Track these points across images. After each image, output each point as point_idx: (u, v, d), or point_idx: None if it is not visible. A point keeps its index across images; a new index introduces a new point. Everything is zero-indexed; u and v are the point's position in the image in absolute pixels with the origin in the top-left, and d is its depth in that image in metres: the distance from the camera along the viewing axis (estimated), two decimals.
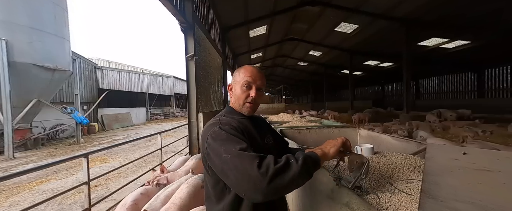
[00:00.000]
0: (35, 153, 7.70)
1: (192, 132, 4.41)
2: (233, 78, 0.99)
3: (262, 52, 16.26)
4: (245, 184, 0.68)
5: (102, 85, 15.72)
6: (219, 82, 7.73)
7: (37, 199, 3.76)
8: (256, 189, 0.66)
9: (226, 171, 0.73)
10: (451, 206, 0.60)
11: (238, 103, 0.96)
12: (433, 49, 12.18)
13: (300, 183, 0.71)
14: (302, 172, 0.70)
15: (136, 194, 2.16)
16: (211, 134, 0.83)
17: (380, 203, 0.94)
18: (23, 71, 7.41)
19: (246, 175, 0.68)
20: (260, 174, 0.66)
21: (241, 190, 0.71)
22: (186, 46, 4.44)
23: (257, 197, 0.68)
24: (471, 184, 0.71)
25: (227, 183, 0.76)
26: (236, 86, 0.95)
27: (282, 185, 0.67)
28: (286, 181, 0.67)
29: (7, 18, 7.16)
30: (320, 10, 9.43)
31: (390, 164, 1.35)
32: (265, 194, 0.66)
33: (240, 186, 0.70)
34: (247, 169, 0.68)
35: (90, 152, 2.36)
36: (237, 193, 0.76)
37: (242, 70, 0.96)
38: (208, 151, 0.80)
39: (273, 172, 0.67)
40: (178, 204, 1.86)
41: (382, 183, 1.14)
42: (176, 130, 8.25)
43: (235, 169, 0.70)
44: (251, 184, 0.67)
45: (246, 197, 0.71)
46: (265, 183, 0.65)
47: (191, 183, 2.13)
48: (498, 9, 7.56)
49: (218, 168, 0.77)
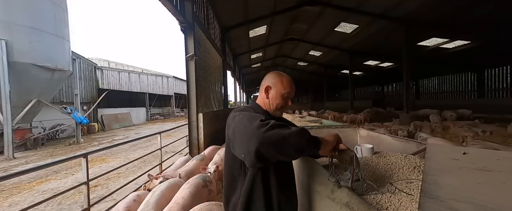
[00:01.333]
0: (35, 153, 7.70)
1: (192, 132, 4.41)
2: (273, 82, 1.08)
3: (262, 52, 16.25)
4: (245, 135, 0.78)
5: (102, 85, 15.72)
6: (219, 82, 7.73)
7: (36, 199, 3.76)
8: (252, 136, 0.74)
9: (235, 131, 0.84)
10: (451, 206, 0.59)
11: (274, 106, 1.08)
12: (433, 49, 12.18)
13: (295, 143, 0.75)
14: (299, 134, 0.76)
15: (129, 201, 2.14)
16: (244, 113, 0.93)
17: (380, 203, 0.93)
18: (23, 71, 7.41)
19: (249, 128, 0.78)
20: (260, 125, 0.76)
21: (241, 144, 0.80)
22: (186, 46, 4.44)
23: (250, 145, 0.73)
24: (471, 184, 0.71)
25: (235, 145, 0.85)
26: (277, 93, 1.07)
27: (276, 137, 0.73)
28: (281, 135, 0.74)
29: (7, 18, 7.16)
30: (320, 10, 9.43)
31: (390, 164, 1.35)
32: (259, 141, 0.72)
33: (241, 139, 0.80)
34: (252, 123, 0.79)
35: (89, 152, 2.36)
36: (238, 154, 0.84)
37: (285, 80, 1.09)
38: (233, 127, 0.88)
39: (272, 125, 0.76)
40: (181, 203, 1.87)
41: (382, 183, 1.13)
42: (176, 130, 8.24)
43: (242, 125, 0.82)
44: (250, 133, 0.76)
45: (244, 151, 0.77)
46: (262, 131, 0.74)
47: (192, 183, 2.14)
48: (497, 9, 7.56)
49: (231, 131, 0.88)
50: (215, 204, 1.77)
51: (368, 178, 1.11)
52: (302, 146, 0.77)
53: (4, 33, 7.03)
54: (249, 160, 0.76)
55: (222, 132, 5.37)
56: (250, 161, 0.76)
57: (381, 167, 1.33)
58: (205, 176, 2.35)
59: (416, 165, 1.28)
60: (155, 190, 2.03)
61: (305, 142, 0.78)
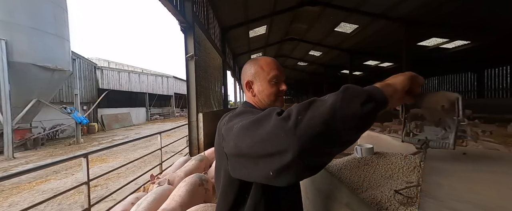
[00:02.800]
0: (34, 153, 7.70)
1: (192, 132, 4.41)
2: (252, 73, 0.85)
3: (262, 52, 16.25)
4: (265, 143, 0.48)
5: (102, 85, 15.71)
6: (219, 82, 7.73)
7: (36, 199, 3.76)
8: (279, 137, 0.46)
9: (239, 145, 0.54)
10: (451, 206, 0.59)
11: (269, 99, 0.85)
12: (432, 49, 12.18)
13: (349, 116, 0.45)
14: (345, 99, 0.46)
15: (127, 204, 2.15)
16: (229, 116, 0.69)
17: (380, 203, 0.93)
18: (22, 71, 7.40)
19: (265, 129, 0.49)
20: (281, 119, 0.48)
21: (259, 161, 0.51)
22: (186, 46, 4.44)
23: (283, 155, 0.45)
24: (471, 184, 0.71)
25: (242, 167, 0.56)
26: (260, 82, 0.84)
27: (318, 120, 0.44)
28: (322, 114, 0.45)
29: (7, 18, 7.16)
30: (320, 10, 9.42)
31: (390, 164, 1.35)
32: (298, 140, 0.44)
33: (257, 153, 0.50)
34: (264, 123, 0.50)
35: (89, 152, 2.36)
36: (256, 177, 0.55)
37: (263, 63, 0.85)
38: (223, 135, 0.64)
39: (298, 109, 0.48)
40: (179, 201, 1.91)
41: (382, 183, 1.14)
42: (176, 130, 8.24)
43: (248, 135, 0.52)
44: (272, 135, 0.47)
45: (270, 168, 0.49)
46: (290, 124, 0.46)
47: (189, 181, 2.19)
48: (498, 9, 7.56)
49: (230, 149, 0.58)
50: (211, 206, 1.78)
51: (370, 188, 0.92)
52: (361, 116, 0.46)
53: (4, 33, 7.03)
54: (287, 177, 0.48)
55: None
56: (290, 177, 0.48)
57: (381, 167, 1.33)
58: (201, 176, 2.41)
59: (416, 165, 1.28)
60: (140, 202, 2.00)
61: (360, 107, 0.46)
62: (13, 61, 7.15)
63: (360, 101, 0.47)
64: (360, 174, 1.13)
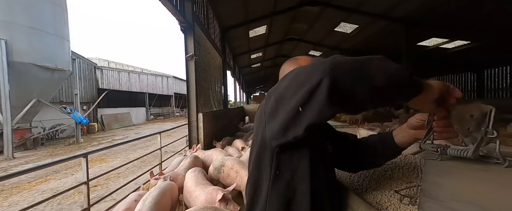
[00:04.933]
0: (34, 153, 7.70)
1: (191, 132, 4.41)
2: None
3: (262, 52, 16.25)
4: (302, 76, 0.52)
5: (101, 85, 15.71)
6: (219, 82, 7.73)
7: (36, 199, 3.76)
8: (314, 68, 0.49)
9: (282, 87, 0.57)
10: (451, 206, 0.59)
11: None
12: (432, 49, 12.19)
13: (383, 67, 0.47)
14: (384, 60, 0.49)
15: (130, 201, 2.14)
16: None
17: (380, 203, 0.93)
18: (22, 71, 7.40)
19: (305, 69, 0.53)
20: (321, 58, 0.52)
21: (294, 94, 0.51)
22: (186, 46, 4.44)
23: (313, 78, 0.47)
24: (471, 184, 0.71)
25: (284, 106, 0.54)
26: None
27: (351, 60, 0.48)
28: (359, 59, 0.49)
29: (7, 18, 7.16)
30: (320, 10, 9.43)
31: (389, 164, 1.35)
32: (330, 67, 0.46)
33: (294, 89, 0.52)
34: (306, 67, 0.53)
35: (89, 152, 2.36)
36: (296, 107, 0.51)
37: (302, 61, 0.82)
38: (268, 99, 0.63)
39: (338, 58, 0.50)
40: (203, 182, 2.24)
41: (382, 184, 1.13)
42: (175, 130, 8.24)
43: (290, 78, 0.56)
44: (307, 69, 0.52)
45: (302, 97, 0.49)
46: (328, 60, 0.49)
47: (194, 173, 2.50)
48: (498, 9, 7.56)
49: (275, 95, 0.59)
50: (211, 208, 1.78)
51: (371, 190, 0.89)
52: (394, 73, 0.47)
53: (4, 33, 7.03)
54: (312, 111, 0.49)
55: (222, 132, 5.38)
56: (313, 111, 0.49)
57: (381, 167, 1.33)
58: (201, 169, 2.77)
59: (416, 165, 1.28)
60: (146, 197, 2.01)
61: (396, 70, 0.47)
62: (13, 61, 7.15)
63: (397, 67, 0.48)
64: (360, 174, 1.13)
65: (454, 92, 0.58)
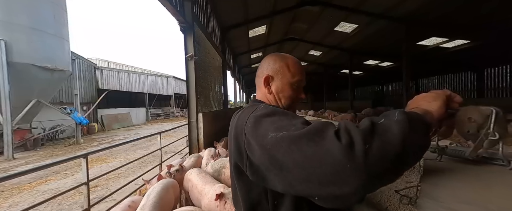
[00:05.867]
0: (34, 154, 7.70)
1: (192, 132, 4.41)
2: (275, 69, 0.76)
3: (262, 52, 16.24)
4: (323, 167, 0.42)
5: (101, 85, 15.70)
6: (218, 82, 7.73)
7: (37, 199, 3.76)
8: (346, 170, 0.40)
9: (280, 158, 0.46)
10: (451, 207, 0.59)
11: (284, 102, 0.77)
12: (432, 48, 12.19)
13: (415, 146, 0.43)
14: (412, 129, 0.42)
15: (123, 207, 2.11)
16: (254, 114, 0.60)
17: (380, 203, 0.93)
18: (22, 72, 7.40)
19: (320, 151, 0.42)
20: (346, 146, 0.40)
21: (317, 187, 0.43)
22: (186, 46, 4.44)
23: (348, 185, 0.40)
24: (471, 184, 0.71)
25: (282, 181, 0.48)
26: (282, 81, 0.75)
27: (389, 153, 0.40)
28: (394, 147, 0.40)
29: (7, 18, 7.16)
30: (320, 10, 9.42)
31: None
32: (367, 175, 0.39)
33: (306, 174, 0.43)
34: (318, 143, 0.43)
35: (89, 152, 2.36)
36: (307, 195, 0.46)
37: (291, 62, 0.76)
38: (248, 139, 0.56)
39: (362, 134, 0.41)
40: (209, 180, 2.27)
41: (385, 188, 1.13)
42: (176, 130, 8.24)
43: (298, 151, 0.44)
44: (335, 163, 0.40)
45: (328, 192, 0.42)
46: (359, 156, 0.39)
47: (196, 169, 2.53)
48: (498, 9, 7.56)
49: (262, 160, 0.51)
50: (194, 209, 1.78)
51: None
52: (422, 144, 0.45)
53: (4, 33, 7.03)
54: (345, 201, 0.43)
55: (222, 132, 5.38)
56: (335, 204, 0.44)
57: None
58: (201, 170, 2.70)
59: (416, 165, 1.28)
60: (149, 193, 2.00)
61: (424, 136, 0.45)
62: (13, 61, 7.15)
63: (424, 131, 0.46)
64: None
65: (455, 98, 0.59)
